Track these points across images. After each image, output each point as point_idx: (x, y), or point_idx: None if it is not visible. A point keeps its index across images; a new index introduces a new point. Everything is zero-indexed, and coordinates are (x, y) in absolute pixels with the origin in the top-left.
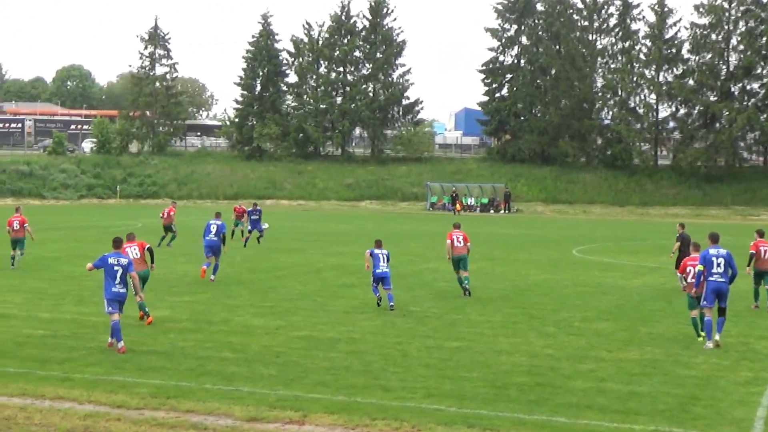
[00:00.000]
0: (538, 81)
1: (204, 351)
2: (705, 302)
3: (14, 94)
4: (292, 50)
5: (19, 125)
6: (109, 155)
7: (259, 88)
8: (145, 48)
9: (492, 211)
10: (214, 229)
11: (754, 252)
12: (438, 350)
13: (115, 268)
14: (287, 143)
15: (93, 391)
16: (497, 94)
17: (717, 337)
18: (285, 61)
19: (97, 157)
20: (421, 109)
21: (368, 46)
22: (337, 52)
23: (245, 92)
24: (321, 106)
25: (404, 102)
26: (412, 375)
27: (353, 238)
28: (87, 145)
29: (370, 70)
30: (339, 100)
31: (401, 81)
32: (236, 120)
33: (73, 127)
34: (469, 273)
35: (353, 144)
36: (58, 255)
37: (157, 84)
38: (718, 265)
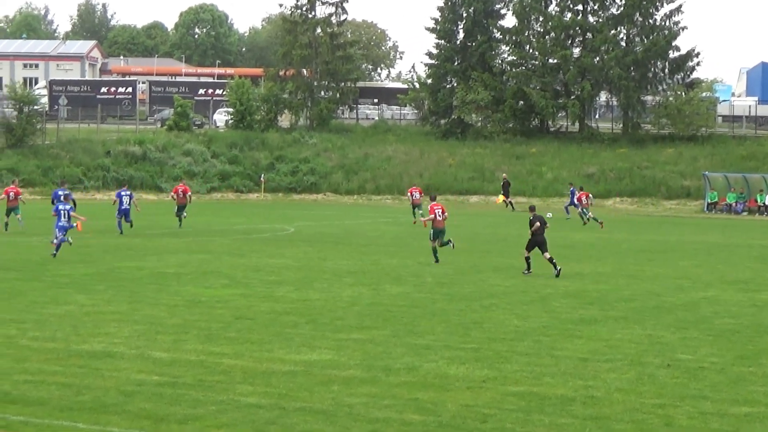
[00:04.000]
0: None
1: (380, 410)
2: None
3: (123, 46)
4: None
5: (129, 89)
6: (251, 131)
7: (461, 35)
8: None
9: None
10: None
11: None
12: (718, 418)
13: None
14: (501, 114)
15: None
16: None
17: None
18: None
19: (235, 134)
20: (697, 64)
21: None
22: None
23: (442, 41)
24: (551, 60)
25: (672, 55)
26: None
27: (596, 253)
28: (220, 116)
29: (621, 8)
30: (576, 52)
31: (667, 24)
32: (429, 81)
33: (201, 91)
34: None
35: (597, 116)
36: (181, 271)
37: (319, 31)
38: None
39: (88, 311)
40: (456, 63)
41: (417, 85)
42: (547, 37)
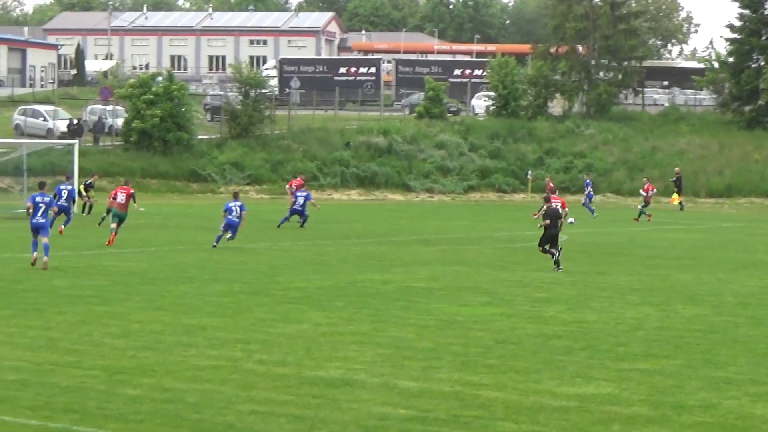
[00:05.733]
0: None
1: None
2: None
3: (365, 19)
4: None
5: (373, 69)
6: (516, 119)
7: None
8: None
9: None
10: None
11: None
12: None
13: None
14: None
15: None
16: None
17: None
18: None
19: (497, 123)
20: None
21: None
22: None
23: (746, 11)
24: None
25: None
26: None
27: None
28: (480, 102)
29: None
30: None
31: None
32: (730, 60)
33: (457, 72)
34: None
35: None
36: (432, 286)
37: (597, 0)
38: None
39: (323, 331)
40: (764, 37)
41: (716, 65)
42: None
